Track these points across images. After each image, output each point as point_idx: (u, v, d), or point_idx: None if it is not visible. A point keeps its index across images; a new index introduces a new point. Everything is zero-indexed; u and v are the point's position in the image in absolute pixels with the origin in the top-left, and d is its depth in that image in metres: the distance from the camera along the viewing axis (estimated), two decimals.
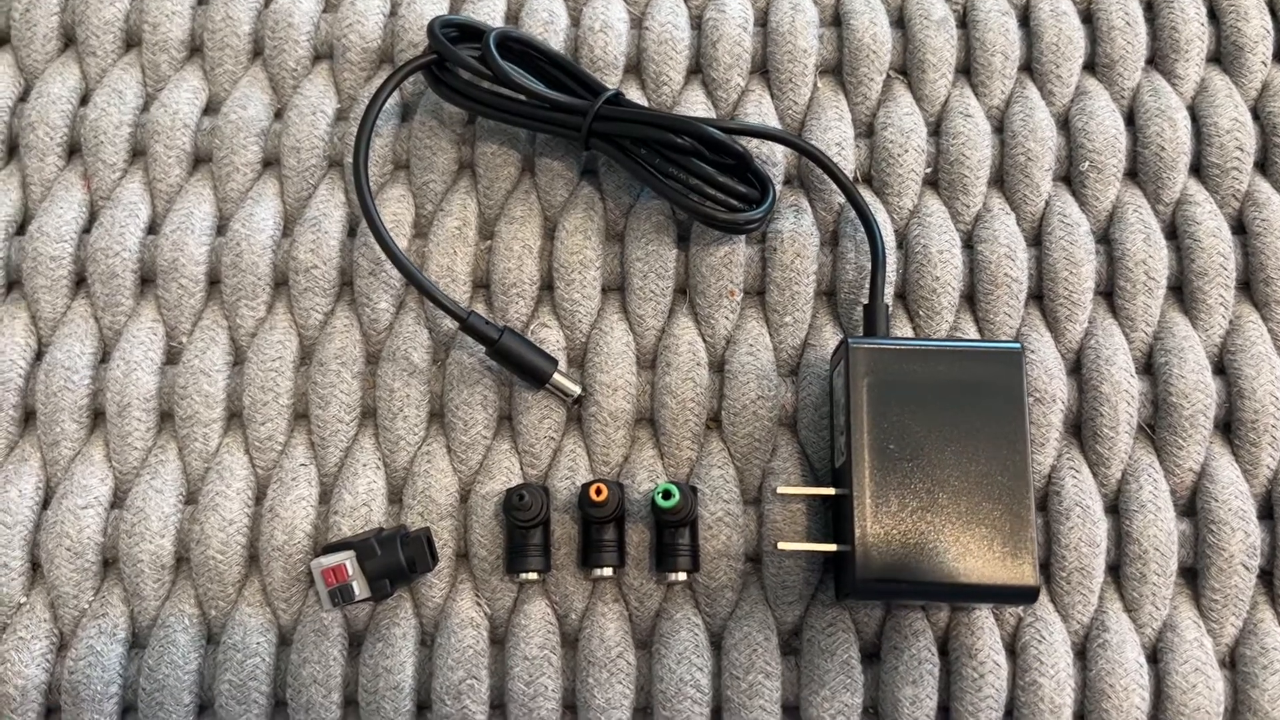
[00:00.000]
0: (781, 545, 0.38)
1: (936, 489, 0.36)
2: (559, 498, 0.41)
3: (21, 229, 0.46)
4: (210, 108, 0.47)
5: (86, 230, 0.45)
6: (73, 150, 0.47)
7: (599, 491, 0.38)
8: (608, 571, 0.40)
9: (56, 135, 0.46)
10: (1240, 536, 0.40)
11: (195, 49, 0.48)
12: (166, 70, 0.47)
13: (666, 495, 0.38)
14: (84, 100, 0.47)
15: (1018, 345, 0.38)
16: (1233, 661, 0.40)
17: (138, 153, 0.47)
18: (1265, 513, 0.41)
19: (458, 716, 0.39)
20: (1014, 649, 0.40)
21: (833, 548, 0.38)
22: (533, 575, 0.40)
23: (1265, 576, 0.40)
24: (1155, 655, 0.40)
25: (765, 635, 0.39)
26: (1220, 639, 0.40)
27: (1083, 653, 0.40)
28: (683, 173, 0.42)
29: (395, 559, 0.38)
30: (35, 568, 0.41)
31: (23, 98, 0.48)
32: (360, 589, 0.38)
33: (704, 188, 0.41)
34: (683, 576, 0.40)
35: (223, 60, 0.47)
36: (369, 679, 0.39)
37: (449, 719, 0.39)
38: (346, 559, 0.38)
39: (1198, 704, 0.38)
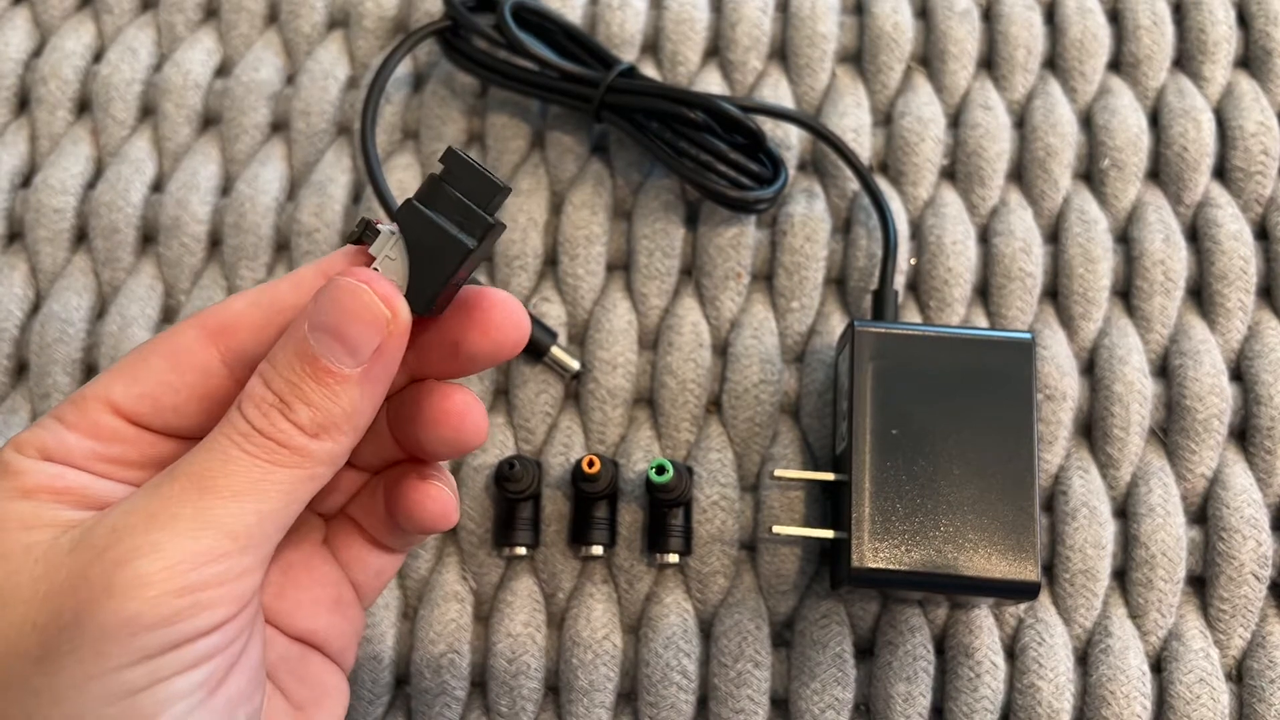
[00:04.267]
0: (776, 529, 0.37)
1: (939, 477, 0.35)
2: (552, 475, 0.40)
3: (27, 182, 0.45)
4: (223, 70, 0.47)
5: (92, 185, 0.45)
6: (83, 107, 0.46)
7: (591, 464, 0.37)
8: (598, 550, 0.39)
9: (68, 90, 0.46)
10: (1252, 545, 0.38)
11: (211, 11, 0.48)
12: (182, 31, 0.47)
13: (661, 471, 0.37)
14: (97, 58, 0.47)
15: (1029, 335, 0.37)
16: (1239, 674, 0.38)
17: (148, 111, 0.46)
18: (1279, 524, 0.39)
19: (436, 690, 0.38)
20: (1013, 650, 0.38)
21: (829, 534, 0.37)
22: (521, 550, 0.39)
23: (1276, 589, 0.39)
24: (1159, 664, 0.38)
25: (756, 624, 0.38)
26: (1227, 650, 0.38)
27: (1084, 658, 0.38)
28: (694, 148, 0.41)
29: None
30: None
31: (38, 53, 0.47)
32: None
33: (715, 164, 0.41)
34: (674, 558, 0.39)
35: (238, 23, 0.47)
36: None
37: (427, 693, 0.38)
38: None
39: (1201, 716, 0.37)
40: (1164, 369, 0.41)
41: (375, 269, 0.25)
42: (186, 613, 0.22)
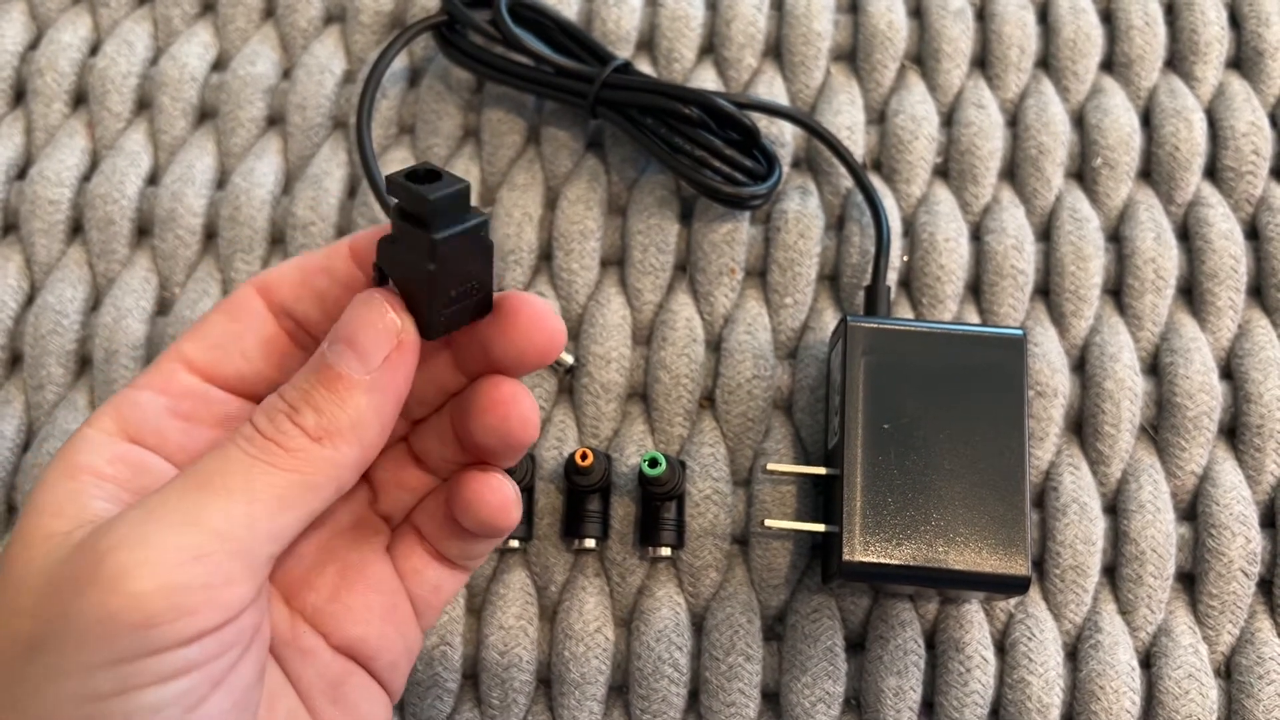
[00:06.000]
0: (769, 522, 0.37)
1: (930, 472, 0.35)
2: (545, 468, 0.40)
3: (23, 174, 0.45)
4: (219, 64, 0.47)
5: (87, 178, 0.45)
6: (79, 99, 0.47)
7: (584, 457, 0.37)
8: (590, 543, 0.39)
9: (64, 82, 0.46)
10: (1240, 542, 0.39)
11: (208, 5, 0.48)
12: (178, 25, 0.47)
13: (654, 464, 0.37)
14: (94, 51, 0.47)
15: (1020, 331, 0.37)
16: (1228, 670, 0.38)
17: (144, 104, 0.46)
18: (1267, 521, 0.40)
19: (428, 683, 0.38)
20: (1003, 645, 0.38)
21: (821, 528, 0.37)
22: (513, 543, 0.39)
23: (1265, 585, 0.39)
24: (1148, 660, 0.38)
25: (748, 618, 0.39)
26: (1216, 646, 0.38)
27: (1074, 653, 0.39)
28: (689, 144, 0.41)
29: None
30: (11, 511, 0.41)
31: (34, 46, 0.47)
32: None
33: (710, 160, 0.41)
34: (667, 552, 0.39)
35: (234, 17, 0.47)
36: None
37: (419, 685, 0.38)
38: None
39: (1190, 711, 0.37)
40: (1155, 366, 0.41)
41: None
42: (165, 615, 0.21)
